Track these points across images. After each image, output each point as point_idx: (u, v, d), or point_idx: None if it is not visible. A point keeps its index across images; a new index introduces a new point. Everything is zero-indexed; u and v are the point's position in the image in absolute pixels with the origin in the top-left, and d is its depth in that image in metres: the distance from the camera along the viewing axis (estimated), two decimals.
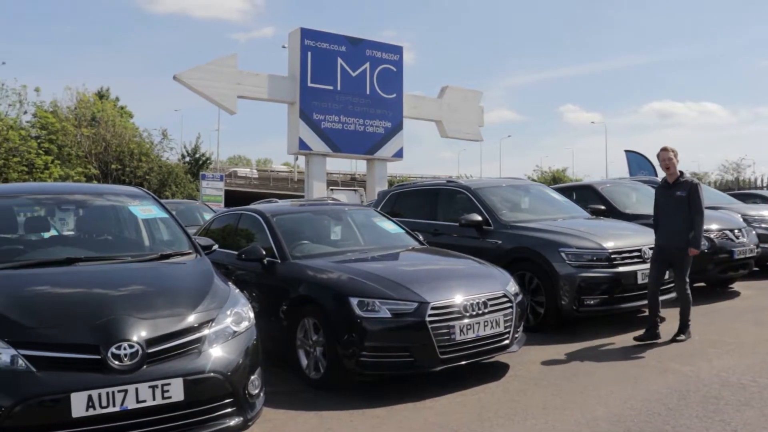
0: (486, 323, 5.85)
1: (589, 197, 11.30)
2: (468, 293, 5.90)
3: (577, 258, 7.69)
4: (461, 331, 5.69)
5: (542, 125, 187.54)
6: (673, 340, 7.08)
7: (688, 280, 7.19)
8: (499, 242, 8.50)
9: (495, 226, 8.73)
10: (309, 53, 22.97)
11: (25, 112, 34.02)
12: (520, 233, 8.43)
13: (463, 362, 5.75)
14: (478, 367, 6.13)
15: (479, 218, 8.79)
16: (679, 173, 7.27)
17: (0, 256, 5.28)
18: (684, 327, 7.21)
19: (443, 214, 9.75)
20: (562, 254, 7.71)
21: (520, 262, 8.11)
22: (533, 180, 30.49)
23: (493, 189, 9.61)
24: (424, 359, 5.62)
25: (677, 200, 7.16)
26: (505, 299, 6.12)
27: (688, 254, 7.12)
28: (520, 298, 6.36)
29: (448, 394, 5.65)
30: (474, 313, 5.81)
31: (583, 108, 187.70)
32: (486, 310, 5.89)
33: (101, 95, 47.49)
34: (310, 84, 22.94)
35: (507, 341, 6.05)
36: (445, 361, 5.64)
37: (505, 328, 6.02)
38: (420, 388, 5.80)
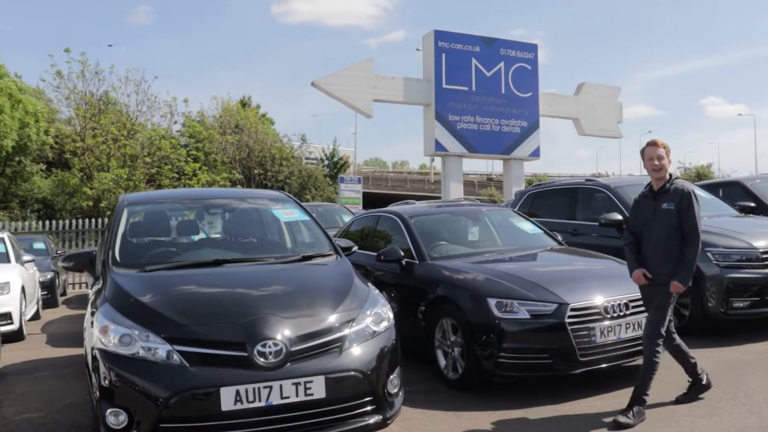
0: (628, 325, 5.69)
1: (737, 194, 10.73)
2: (609, 294, 5.76)
3: (725, 258, 7.33)
4: (602, 333, 5.56)
5: (683, 120, 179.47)
6: (616, 423, 4.81)
7: (664, 332, 5.05)
8: None
9: None
10: (443, 55, 23.02)
11: (175, 122, 35.87)
12: None
13: (604, 365, 5.62)
14: (620, 370, 5.96)
15: (620, 217, 8.54)
16: (668, 177, 5.24)
17: (155, 258, 5.65)
18: (637, 399, 4.98)
19: (582, 214, 9.55)
20: (709, 254, 7.37)
21: None
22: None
23: (634, 187, 9.28)
24: (563, 361, 5.53)
25: (663, 215, 5.14)
26: None
27: (670, 292, 5.04)
28: None
29: (588, 398, 5.54)
30: (615, 314, 5.66)
31: (727, 100, 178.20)
32: (628, 312, 5.72)
33: (244, 103, 49.31)
34: (444, 85, 23.00)
35: None
36: (584, 363, 5.53)
37: None
38: (559, 390, 5.71)
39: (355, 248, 6.30)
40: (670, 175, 5.24)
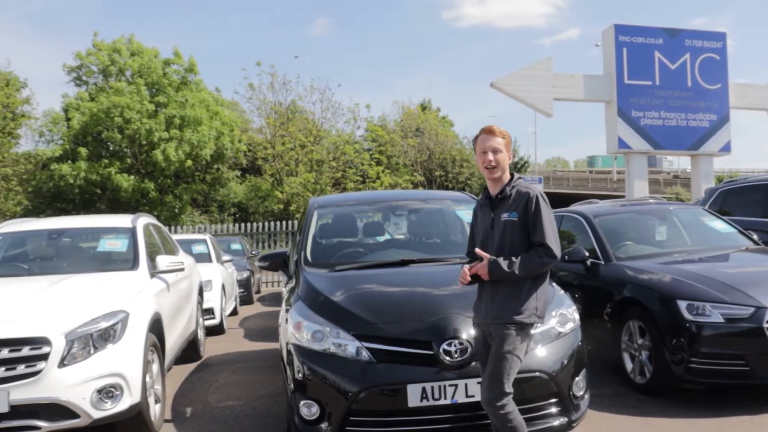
0: None
1: None
2: None
3: None
4: None
5: None
6: None
7: (509, 389, 3.71)
8: None
9: None
10: (624, 49, 22.25)
11: (358, 128, 37.06)
12: None
13: None
14: None
15: None
16: (509, 177, 3.97)
17: (344, 258, 5.91)
18: None
19: None
20: None
21: None
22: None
23: None
24: (761, 369, 5.23)
25: (502, 229, 3.86)
26: None
27: (513, 334, 3.74)
28: None
29: None
30: None
31: None
32: None
33: (424, 107, 49.88)
34: (626, 81, 22.20)
35: None
36: None
37: None
38: (755, 400, 5.41)
39: None
40: (512, 174, 3.99)
